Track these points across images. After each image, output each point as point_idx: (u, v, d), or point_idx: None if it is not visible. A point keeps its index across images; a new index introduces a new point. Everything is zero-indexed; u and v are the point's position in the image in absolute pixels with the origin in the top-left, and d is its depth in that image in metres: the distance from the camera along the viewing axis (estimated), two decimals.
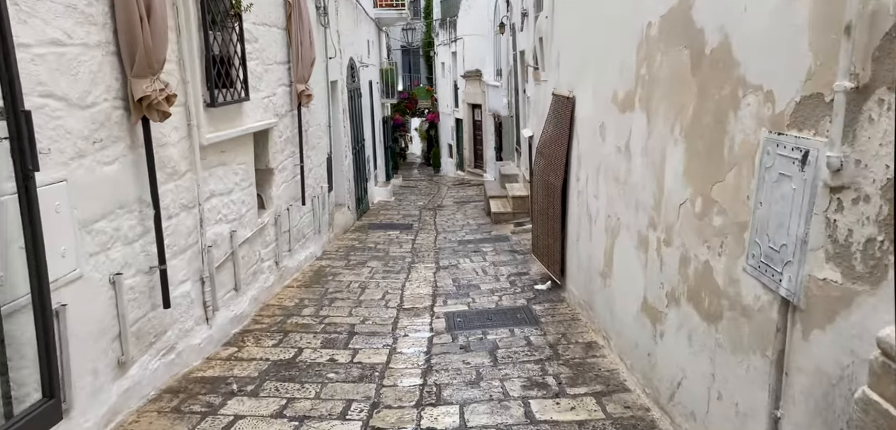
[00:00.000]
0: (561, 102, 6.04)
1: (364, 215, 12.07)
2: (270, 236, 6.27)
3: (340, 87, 10.36)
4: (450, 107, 24.96)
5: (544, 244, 6.49)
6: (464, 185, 20.26)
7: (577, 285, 5.44)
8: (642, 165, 3.72)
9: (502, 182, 12.75)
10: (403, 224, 11.15)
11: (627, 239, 4.00)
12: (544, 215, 6.44)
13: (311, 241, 7.92)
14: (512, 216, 10.88)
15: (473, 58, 21.36)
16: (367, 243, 9.27)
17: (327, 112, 9.07)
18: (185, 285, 4.29)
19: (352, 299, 6.15)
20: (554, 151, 6.13)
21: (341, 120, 10.38)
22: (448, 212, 13.03)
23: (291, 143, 7.06)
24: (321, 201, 8.46)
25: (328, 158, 9.10)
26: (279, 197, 6.60)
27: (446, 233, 10.28)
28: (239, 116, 5.40)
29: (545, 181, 6.36)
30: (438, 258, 8.19)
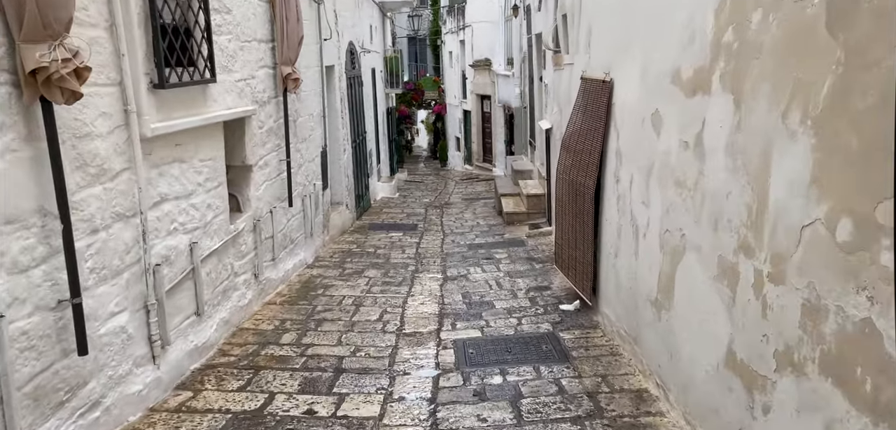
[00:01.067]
0: (593, 88, 5.04)
1: (365, 213, 11.10)
2: (247, 244, 5.30)
3: (338, 73, 9.38)
4: (458, 98, 23.95)
5: (570, 255, 5.50)
6: (472, 180, 19.27)
7: (616, 310, 4.44)
8: (725, 167, 2.72)
9: (515, 179, 11.75)
10: (407, 225, 10.18)
11: (698, 264, 3.01)
12: (570, 220, 5.44)
13: (300, 246, 6.96)
14: (526, 217, 9.89)
15: (483, 46, 20.32)
16: (366, 247, 8.30)
17: (321, 101, 8.10)
18: (118, 318, 3.33)
19: (343, 321, 5.18)
20: (584, 145, 5.12)
21: (339, 110, 9.40)
22: (456, 210, 12.06)
23: (275, 135, 6.09)
24: (314, 201, 7.49)
25: (323, 153, 8.13)
26: (259, 198, 5.63)
27: (454, 235, 9.30)
28: (203, 101, 4.42)
29: (572, 181, 5.36)
30: (446, 266, 7.22)
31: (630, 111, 4.17)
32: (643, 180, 3.84)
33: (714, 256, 2.82)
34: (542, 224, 9.28)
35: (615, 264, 4.47)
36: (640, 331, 3.91)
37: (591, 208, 4.91)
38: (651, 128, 3.70)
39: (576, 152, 5.33)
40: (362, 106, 11.68)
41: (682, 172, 3.22)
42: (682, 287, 3.21)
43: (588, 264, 5.01)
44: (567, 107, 6.65)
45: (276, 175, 6.10)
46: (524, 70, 12.99)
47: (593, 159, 4.89)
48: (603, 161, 4.78)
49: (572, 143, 5.48)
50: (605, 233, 4.74)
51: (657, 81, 3.61)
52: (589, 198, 4.93)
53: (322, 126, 8.13)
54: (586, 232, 5.02)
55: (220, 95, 4.73)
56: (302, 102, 7.13)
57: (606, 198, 4.72)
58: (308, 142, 7.38)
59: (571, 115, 5.69)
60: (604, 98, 4.74)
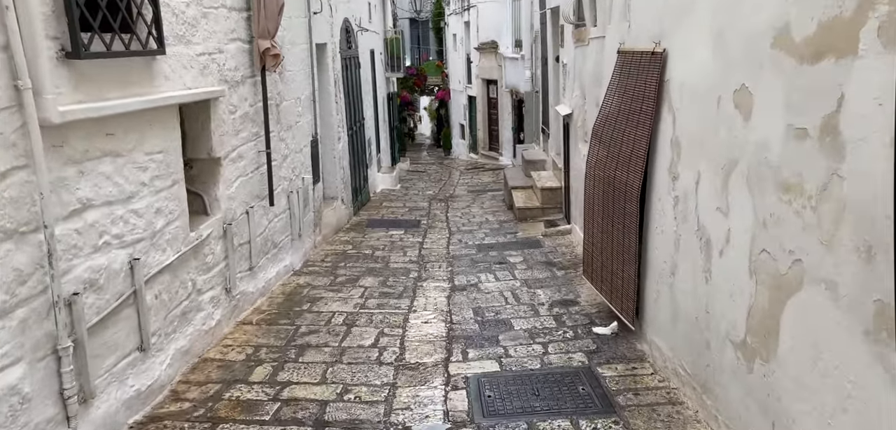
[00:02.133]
0: (636, 63, 4.08)
1: (363, 208, 10.18)
2: (215, 254, 4.39)
3: (331, 52, 8.42)
4: (462, 83, 22.94)
5: (605, 266, 4.57)
6: (477, 169, 18.31)
7: (671, 342, 3.52)
8: (890, 168, 1.78)
9: (526, 169, 10.79)
10: (409, 221, 9.26)
11: (830, 307, 2.07)
12: (605, 223, 4.51)
13: (286, 251, 6.04)
14: (540, 212, 8.94)
15: (489, 27, 19.29)
16: (363, 249, 7.38)
17: (311, 82, 7.15)
18: (10, 373, 2.42)
19: (331, 347, 4.27)
20: (623, 133, 4.18)
21: (332, 93, 8.46)
22: (462, 204, 11.12)
23: (252, 121, 5.15)
24: (302, 197, 6.57)
25: (313, 142, 7.19)
26: (232, 197, 4.71)
27: (461, 234, 8.37)
28: (148, 79, 3.48)
29: (607, 177, 4.42)
30: (453, 273, 6.30)
31: (694, 90, 3.23)
32: (719, 180, 2.90)
33: (866, 300, 1.89)
34: (560, 222, 8.34)
35: (671, 284, 3.53)
36: (713, 377, 2.98)
37: (634, 211, 3.97)
38: (734, 110, 2.75)
39: (612, 142, 4.39)
40: (360, 90, 10.73)
41: (793, 172, 2.28)
42: (797, 335, 2.28)
43: (630, 279, 4.07)
44: (596, 88, 5.70)
45: (253, 169, 5.17)
46: (535, 51, 12.00)
47: (637, 151, 3.94)
48: (651, 153, 3.84)
49: (606, 131, 4.53)
50: (656, 243, 3.80)
51: (745, 47, 2.66)
52: (632, 199, 3.99)
53: (312, 111, 7.19)
54: (628, 240, 4.08)
55: (175, 73, 3.79)
56: (286, 83, 6.19)
57: (657, 199, 3.78)
58: (295, 130, 6.44)
59: (605, 97, 4.74)
60: (652, 75, 3.79)
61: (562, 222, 8.32)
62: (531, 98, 12.93)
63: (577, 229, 7.18)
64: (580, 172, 6.91)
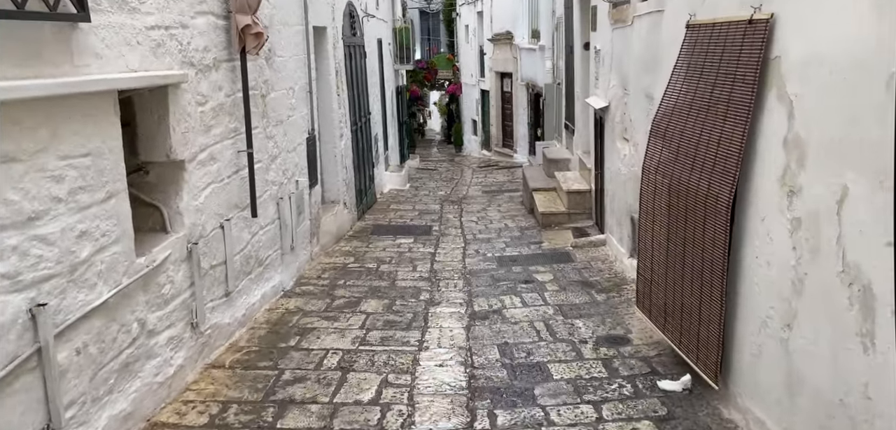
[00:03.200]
0: (719, 37, 3.10)
1: (368, 212, 9.24)
2: (175, 282, 3.45)
3: (332, 37, 7.47)
4: (474, 77, 21.94)
5: (670, 298, 3.59)
6: (491, 167, 17.33)
7: (787, 422, 2.54)
8: None
9: (548, 169, 9.80)
10: (419, 227, 8.30)
11: None
12: (672, 243, 3.53)
13: (274, 268, 5.11)
14: (566, 218, 7.96)
15: (503, 17, 18.29)
16: (367, 262, 6.44)
17: (307, 71, 6.20)
18: None
19: (319, 405, 3.32)
20: (701, 129, 3.20)
21: (333, 84, 7.51)
22: (477, 206, 10.15)
23: (229, 115, 4.22)
24: (295, 204, 5.63)
25: (310, 139, 6.25)
26: (201, 209, 3.78)
27: (478, 243, 7.40)
28: (64, 53, 2.54)
29: (676, 184, 3.44)
30: (471, 293, 5.34)
31: (834, 67, 2.24)
32: (888, 200, 1.92)
33: None
34: (590, 230, 7.36)
35: (785, 339, 2.55)
36: None
37: (720, 233, 2.99)
38: None
39: (683, 140, 3.41)
40: (365, 82, 9.78)
41: None
42: None
43: (711, 321, 3.09)
44: (645, 75, 4.72)
45: (230, 173, 4.24)
46: (558, 39, 10.99)
47: (725, 153, 2.96)
48: (747, 156, 2.86)
49: (674, 126, 3.55)
50: (756, 279, 2.82)
51: None
52: (717, 215, 3.01)
53: (308, 104, 6.24)
54: (710, 270, 3.10)
55: (112, 49, 2.85)
56: (276, 70, 5.25)
57: (758, 219, 2.80)
58: (286, 125, 5.50)
59: (668, 85, 3.75)
60: (749, 51, 2.81)
61: (593, 230, 7.33)
62: (552, 91, 11.93)
63: (614, 240, 6.20)
64: (618, 174, 5.92)
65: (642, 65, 4.97)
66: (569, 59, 9.67)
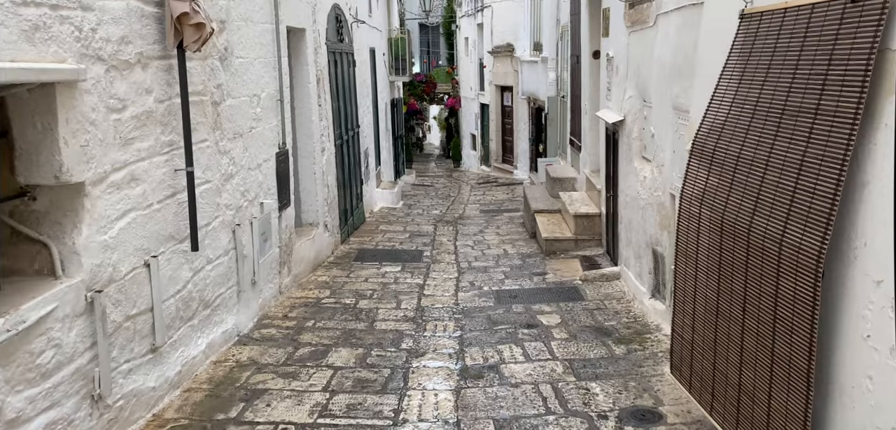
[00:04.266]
0: (797, 28, 2.28)
1: (354, 234, 8.39)
2: (63, 348, 2.59)
3: (312, 41, 6.66)
4: (474, 90, 21.19)
5: (722, 372, 2.73)
6: (490, 184, 16.54)
7: None
8: None
9: (552, 189, 8.96)
10: (409, 252, 7.45)
11: None
12: (728, 301, 2.67)
13: (228, 308, 4.26)
14: (573, 245, 7.11)
15: (504, 29, 17.56)
16: (344, 296, 5.58)
17: (278, 76, 5.38)
18: None
19: None
20: (771, 152, 2.36)
21: (314, 94, 6.69)
22: (474, 228, 9.30)
23: (162, 125, 3.39)
24: (259, 230, 4.79)
25: (280, 154, 5.42)
26: (111, 244, 2.93)
27: (473, 272, 6.55)
28: None
29: (732, 225, 2.59)
30: (463, 340, 4.47)
31: None
32: None
33: None
34: (601, 260, 6.50)
35: None
36: None
37: (806, 299, 2.13)
38: None
39: (741, 166, 2.56)
40: (354, 92, 8.97)
41: None
42: None
43: (794, 417, 2.22)
44: (674, 82, 3.90)
45: (163, 197, 3.40)
46: (563, 49, 10.20)
47: (815, 185, 2.12)
48: (847, 191, 2.01)
49: (726, 146, 2.71)
50: (868, 372, 1.97)
51: None
52: (802, 273, 2.16)
53: (279, 114, 5.41)
54: (787, 346, 2.24)
55: None
56: (234, 74, 4.43)
57: (865, 283, 1.96)
58: (248, 139, 4.67)
59: (715, 93, 2.91)
60: (855, 44, 1.98)
61: (604, 260, 6.48)
62: (555, 105, 11.12)
63: (630, 275, 5.35)
64: (636, 198, 5.08)
65: (670, 71, 4.15)
66: (575, 69, 8.87)
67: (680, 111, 3.93)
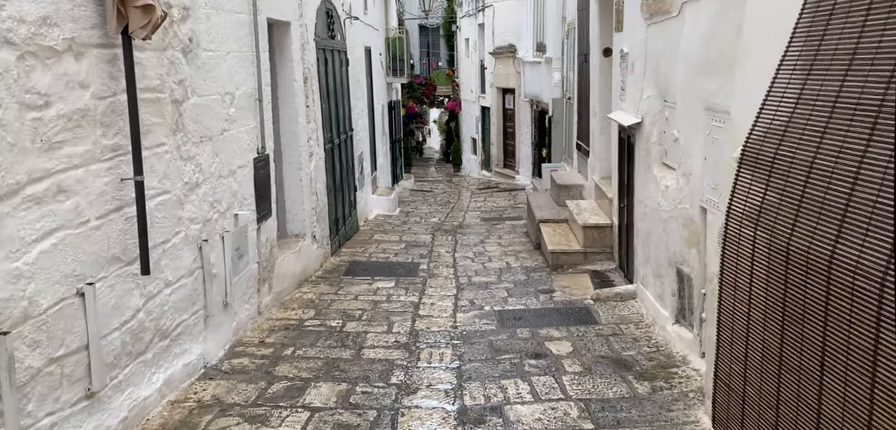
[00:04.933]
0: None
1: (346, 244, 7.83)
2: None
3: (299, 36, 6.11)
4: (475, 93, 20.65)
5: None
6: (491, 189, 16.01)
7: None
8: None
9: (557, 196, 8.41)
10: (404, 266, 6.89)
11: None
12: (792, 349, 2.12)
13: (192, 337, 3.70)
14: (582, 258, 6.55)
15: (506, 30, 17.04)
16: (330, 317, 5.02)
17: (256, 73, 4.84)
18: None
19: None
20: (862, 164, 1.80)
21: (300, 94, 6.14)
22: (474, 238, 8.74)
23: (103, 126, 2.84)
24: (232, 246, 4.24)
25: (260, 160, 4.88)
26: (27, 274, 2.38)
27: (474, 288, 5.99)
28: None
29: (804, 253, 2.03)
30: (461, 374, 3.92)
31: None
32: None
33: None
34: (614, 276, 5.95)
35: None
36: None
37: None
38: None
39: (817, 179, 2.01)
40: (347, 92, 8.43)
41: None
42: None
43: None
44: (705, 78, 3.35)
45: (105, 212, 2.85)
46: (568, 48, 9.66)
47: None
48: None
49: (793, 154, 2.15)
50: None
51: None
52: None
53: (257, 115, 4.87)
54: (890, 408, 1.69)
55: None
56: (202, 68, 3.88)
57: None
58: (219, 142, 4.12)
59: (774, 87, 2.36)
60: None
61: (617, 276, 5.92)
62: (560, 107, 10.58)
63: (649, 296, 4.80)
64: (656, 210, 4.53)
65: (701, 66, 3.60)
66: (583, 69, 8.32)
67: (714, 112, 3.38)
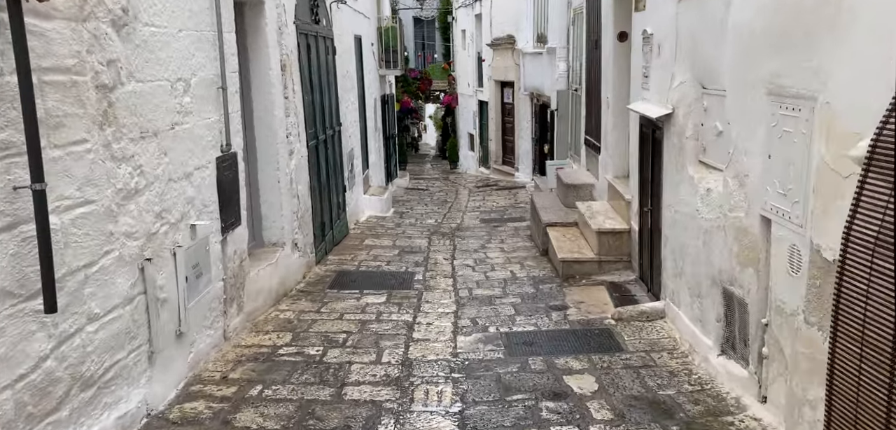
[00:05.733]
0: None
1: (335, 249, 7.10)
2: None
3: (275, 17, 5.37)
4: (472, 87, 19.92)
5: None
6: (490, 187, 15.29)
7: None
8: None
9: (564, 196, 7.69)
10: (397, 276, 6.16)
11: None
12: None
13: (131, 381, 2.97)
14: (596, 267, 5.84)
15: (505, 20, 16.30)
16: (309, 343, 4.29)
17: (218, 56, 4.09)
18: None
19: None
20: None
21: (277, 83, 5.40)
22: (473, 242, 8.02)
23: None
24: (187, 262, 3.50)
25: (224, 160, 4.14)
26: None
27: (476, 305, 5.27)
28: None
29: None
30: (464, 422, 3.20)
31: None
32: None
33: None
34: (634, 289, 5.23)
35: None
36: None
37: None
38: None
39: None
40: (334, 84, 7.69)
41: None
42: None
43: None
44: (782, 54, 2.62)
45: None
46: (577, 35, 8.93)
47: None
48: None
49: None
50: None
51: None
52: None
53: (221, 107, 4.13)
54: None
55: None
56: (144, 48, 3.14)
57: None
58: (168, 139, 3.38)
59: None
60: None
61: (638, 289, 5.21)
62: (566, 100, 9.85)
63: (682, 317, 4.08)
64: (692, 216, 3.80)
65: (763, 39, 2.87)
66: (592, 58, 7.60)
67: (783, 98, 2.66)
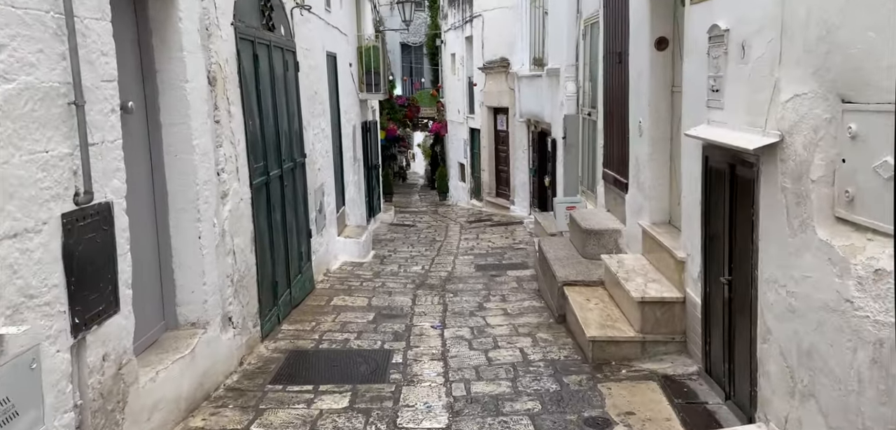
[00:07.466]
0: None
1: (292, 314, 5.53)
2: None
3: (196, 14, 3.85)
4: (462, 113, 18.55)
5: None
6: (483, 222, 13.80)
7: None
8: None
9: (583, 244, 6.18)
10: (368, 357, 4.60)
11: None
12: None
13: None
14: (639, 351, 4.31)
15: (498, 42, 15.05)
16: None
17: (66, 52, 2.56)
18: None
19: None
20: None
21: (202, 103, 3.88)
22: (468, 298, 6.47)
23: None
24: None
25: (76, 215, 2.58)
26: None
27: (478, 412, 3.71)
28: None
29: None
30: None
31: None
32: None
33: None
34: (705, 393, 3.68)
35: None
36: None
37: None
38: None
39: None
40: (295, 107, 6.20)
41: None
42: None
43: None
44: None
45: None
46: (589, 49, 7.51)
47: None
48: None
49: None
50: None
51: None
52: None
53: (72, 133, 2.58)
54: None
55: None
56: None
57: None
58: None
59: None
60: None
61: (704, 388, 3.66)
62: (575, 126, 8.40)
63: None
64: (832, 308, 2.20)
65: None
66: (614, 74, 6.16)
67: None
